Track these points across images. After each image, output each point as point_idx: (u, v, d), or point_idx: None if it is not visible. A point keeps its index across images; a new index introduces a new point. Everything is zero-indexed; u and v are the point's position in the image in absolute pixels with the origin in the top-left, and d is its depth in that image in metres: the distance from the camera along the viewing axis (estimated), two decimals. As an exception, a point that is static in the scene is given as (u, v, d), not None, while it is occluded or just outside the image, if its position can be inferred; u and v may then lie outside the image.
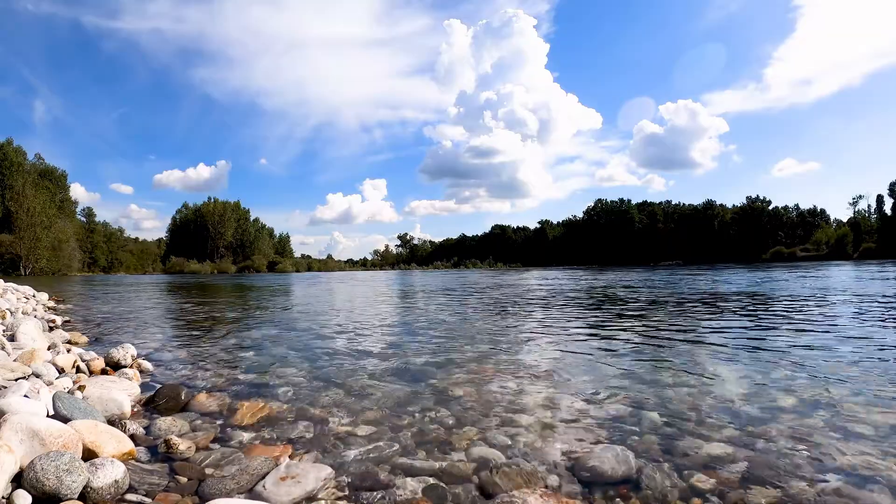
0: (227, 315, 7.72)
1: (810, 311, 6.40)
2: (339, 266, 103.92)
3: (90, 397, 2.25)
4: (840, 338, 4.25)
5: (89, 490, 1.45)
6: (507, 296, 11.12)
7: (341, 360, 3.69)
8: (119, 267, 73.40)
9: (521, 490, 1.56)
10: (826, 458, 1.76)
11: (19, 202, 56.09)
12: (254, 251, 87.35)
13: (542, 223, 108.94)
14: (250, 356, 3.90)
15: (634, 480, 1.64)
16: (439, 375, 3.13)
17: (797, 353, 3.59)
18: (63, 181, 67.14)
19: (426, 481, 1.64)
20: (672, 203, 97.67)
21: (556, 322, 5.95)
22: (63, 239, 59.42)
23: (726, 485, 1.59)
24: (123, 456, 1.73)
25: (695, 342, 4.25)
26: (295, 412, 2.37)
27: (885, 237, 65.01)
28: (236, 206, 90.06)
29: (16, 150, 60.95)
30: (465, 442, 1.98)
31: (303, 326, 5.86)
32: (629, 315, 6.59)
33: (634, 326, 5.37)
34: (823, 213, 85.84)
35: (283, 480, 1.59)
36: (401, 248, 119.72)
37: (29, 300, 8.26)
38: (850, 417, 2.18)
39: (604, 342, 4.31)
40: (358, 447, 1.92)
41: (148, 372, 3.28)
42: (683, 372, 3.11)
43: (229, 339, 4.87)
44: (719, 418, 2.21)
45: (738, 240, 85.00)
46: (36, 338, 3.59)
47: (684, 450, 1.87)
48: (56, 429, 1.64)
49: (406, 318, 6.97)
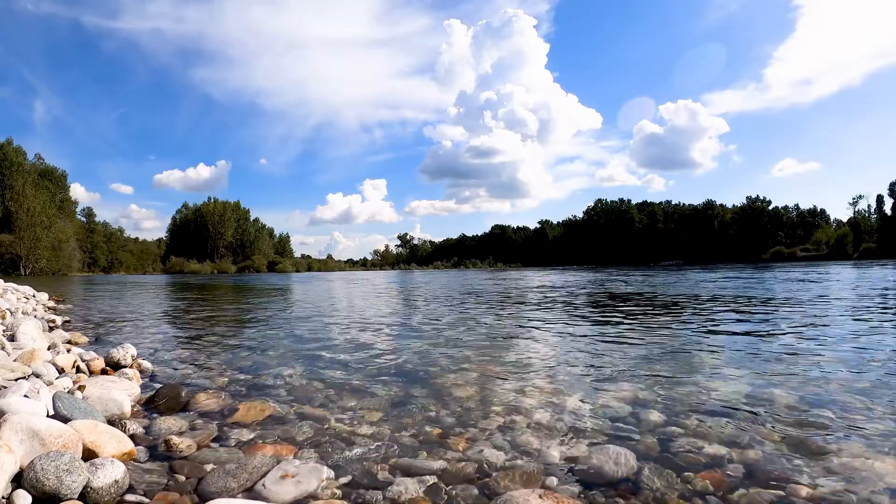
0: (226, 315, 7.72)
1: (810, 312, 6.40)
2: (339, 266, 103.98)
3: (90, 397, 2.25)
4: (840, 338, 4.25)
5: (89, 490, 1.45)
6: (507, 296, 11.12)
7: (341, 359, 3.69)
8: (119, 267, 73.42)
9: (522, 490, 1.56)
10: (826, 459, 1.76)
11: (19, 202, 56.11)
12: (254, 251, 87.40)
13: (542, 223, 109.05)
14: (250, 356, 3.89)
15: (634, 480, 1.64)
16: (439, 375, 3.13)
17: (797, 354, 3.59)
18: (63, 181, 67.20)
19: (426, 481, 1.64)
20: (672, 203, 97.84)
21: (556, 322, 5.95)
22: (63, 239, 59.44)
23: (726, 485, 1.59)
24: (123, 456, 1.73)
25: (695, 342, 4.25)
26: (295, 412, 2.37)
27: (885, 237, 64.99)
28: (236, 206, 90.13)
29: (16, 150, 61.02)
30: (466, 442, 1.98)
31: (303, 326, 5.86)
32: (629, 315, 6.59)
33: (634, 326, 5.36)
34: (823, 213, 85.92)
35: (283, 480, 1.59)
36: (401, 248, 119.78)
37: (29, 300, 8.27)
38: (851, 417, 2.18)
39: (604, 342, 4.31)
40: (358, 447, 1.92)
41: (148, 372, 3.28)
42: (683, 372, 3.11)
43: (229, 339, 4.87)
44: (719, 418, 2.21)
45: (738, 240, 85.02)
46: (36, 338, 3.59)
47: (684, 450, 1.87)
48: (56, 429, 1.63)
49: (406, 318, 6.97)
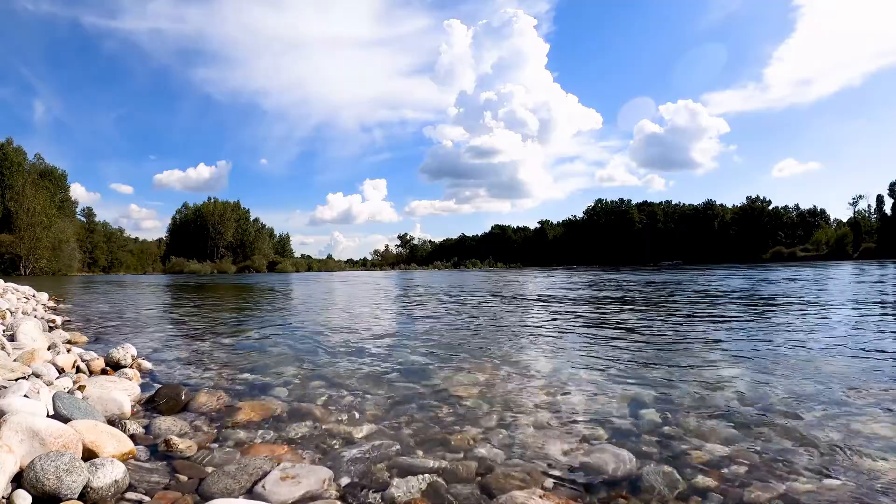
0: (226, 315, 7.72)
1: (810, 311, 6.40)
2: (339, 266, 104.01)
3: (90, 397, 2.25)
4: (840, 337, 4.25)
5: (89, 490, 1.45)
6: (507, 296, 11.12)
7: (341, 359, 3.69)
8: (119, 267, 73.36)
9: (522, 490, 1.56)
10: (826, 459, 1.76)
11: (19, 202, 56.05)
12: (254, 251, 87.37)
13: (542, 223, 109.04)
14: (250, 356, 3.89)
15: (635, 480, 1.64)
16: (439, 375, 3.13)
17: (797, 353, 3.59)
18: (63, 181, 67.11)
19: (426, 481, 1.64)
20: (672, 203, 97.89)
21: (555, 322, 5.95)
22: (63, 239, 59.36)
23: (726, 485, 1.59)
24: (123, 456, 1.73)
25: (695, 342, 4.25)
26: (295, 412, 2.37)
27: (885, 237, 65.02)
28: (236, 206, 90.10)
29: (16, 150, 60.94)
30: (466, 442, 1.98)
31: (302, 326, 5.86)
32: (629, 315, 6.59)
33: (634, 326, 5.36)
34: (823, 213, 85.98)
35: (283, 480, 1.59)
36: (401, 248, 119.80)
37: (29, 300, 8.27)
38: (851, 417, 2.18)
39: (603, 342, 4.31)
40: (358, 447, 1.92)
41: (148, 372, 3.28)
42: (683, 371, 3.11)
43: (229, 339, 4.87)
44: (719, 418, 2.21)
45: (738, 240, 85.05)
46: (36, 338, 3.58)
47: (684, 449, 1.87)
48: (56, 429, 1.63)
49: (406, 318, 6.96)
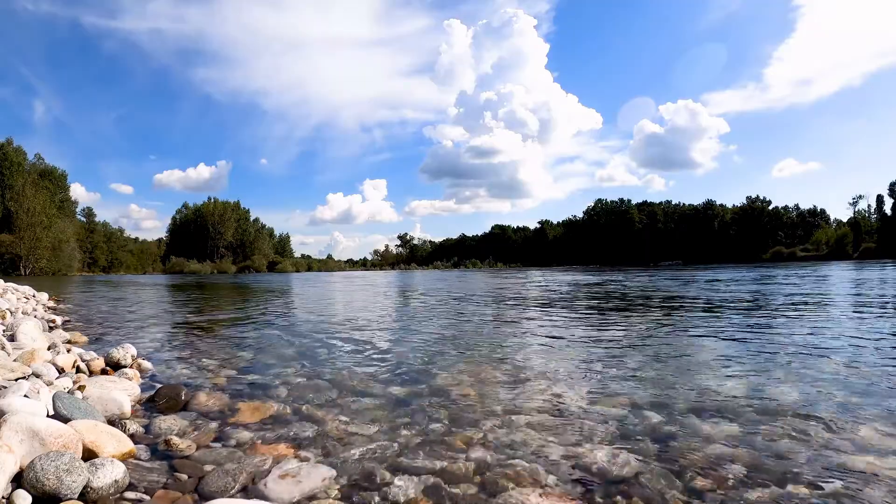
0: (226, 315, 7.72)
1: (810, 311, 6.40)
2: (339, 266, 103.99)
3: (90, 397, 2.25)
4: (840, 338, 4.25)
5: (89, 490, 1.45)
6: (507, 296, 11.12)
7: (341, 359, 3.69)
8: (119, 267, 73.33)
9: (522, 490, 1.56)
10: (826, 459, 1.76)
11: (19, 202, 56.00)
12: (254, 251, 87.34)
13: (542, 223, 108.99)
14: (250, 356, 3.89)
15: (634, 480, 1.64)
16: (439, 375, 3.13)
17: (797, 354, 3.59)
18: (63, 181, 67.04)
19: (426, 481, 1.64)
20: (672, 203, 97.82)
21: (555, 322, 5.95)
22: (63, 239, 59.30)
23: (726, 485, 1.59)
24: (123, 456, 1.73)
25: (695, 342, 4.25)
26: (295, 412, 2.37)
27: (885, 237, 65.00)
28: (236, 206, 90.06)
29: (16, 150, 60.87)
30: (465, 442, 1.98)
31: (302, 326, 5.86)
32: (629, 315, 6.59)
33: (634, 326, 5.36)
34: (823, 213, 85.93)
35: (284, 480, 1.59)
36: (401, 248, 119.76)
37: (29, 300, 8.27)
38: (851, 418, 2.18)
39: (603, 342, 4.31)
40: (358, 447, 1.92)
41: (148, 372, 3.28)
42: (683, 371, 3.11)
43: (229, 339, 4.87)
44: (719, 418, 2.21)
45: (738, 240, 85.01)
46: (36, 338, 3.59)
47: (684, 450, 1.87)
48: (56, 429, 1.64)
49: (405, 318, 6.97)
